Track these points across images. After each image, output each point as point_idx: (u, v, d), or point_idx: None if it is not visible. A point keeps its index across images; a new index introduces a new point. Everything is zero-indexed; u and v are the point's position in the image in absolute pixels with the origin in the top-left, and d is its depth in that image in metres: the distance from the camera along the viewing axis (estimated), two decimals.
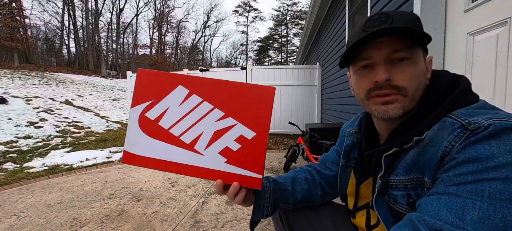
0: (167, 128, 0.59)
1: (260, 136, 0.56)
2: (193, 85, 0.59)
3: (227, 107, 0.58)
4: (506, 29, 0.99)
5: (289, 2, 34.70)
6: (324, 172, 0.75)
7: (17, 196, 2.39)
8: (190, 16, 57.74)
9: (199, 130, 0.58)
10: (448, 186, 0.38)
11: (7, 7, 18.94)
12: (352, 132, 0.68)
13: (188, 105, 0.59)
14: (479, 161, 0.36)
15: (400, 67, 0.47)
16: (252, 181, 0.57)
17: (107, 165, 3.57)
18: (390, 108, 0.48)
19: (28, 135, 5.35)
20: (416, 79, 0.47)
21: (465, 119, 0.40)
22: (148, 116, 0.60)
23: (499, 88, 1.04)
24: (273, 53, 38.97)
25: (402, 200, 0.47)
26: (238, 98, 0.57)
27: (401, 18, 0.46)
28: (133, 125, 0.60)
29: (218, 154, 0.58)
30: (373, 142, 0.60)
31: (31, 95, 9.23)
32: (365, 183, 0.60)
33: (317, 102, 5.66)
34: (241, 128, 0.57)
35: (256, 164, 0.57)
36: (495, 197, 0.34)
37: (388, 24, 0.46)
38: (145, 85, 0.60)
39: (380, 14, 0.48)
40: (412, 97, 0.47)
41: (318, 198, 0.73)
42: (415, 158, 0.45)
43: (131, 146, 0.60)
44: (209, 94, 0.58)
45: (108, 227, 1.76)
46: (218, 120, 0.58)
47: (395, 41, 0.47)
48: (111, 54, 34.39)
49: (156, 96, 0.60)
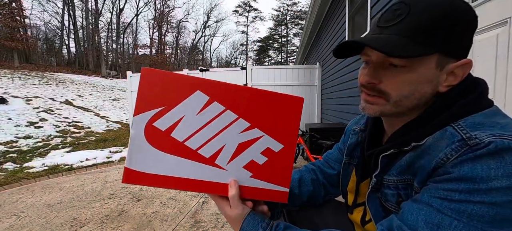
0: (182, 140, 0.51)
1: (288, 148, 0.53)
2: (214, 91, 0.51)
3: (253, 117, 0.52)
4: (506, 29, 0.99)
5: (289, 2, 34.74)
6: (327, 171, 0.76)
7: (17, 196, 2.39)
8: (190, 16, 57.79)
9: (220, 142, 0.52)
10: (432, 198, 0.38)
11: (7, 7, 18.95)
12: (358, 130, 0.67)
13: (208, 114, 0.51)
14: (473, 181, 0.35)
15: (391, 72, 0.45)
16: (278, 195, 0.54)
17: (107, 165, 3.57)
18: (368, 107, 0.49)
19: (28, 135, 5.35)
20: (407, 87, 0.44)
21: (467, 132, 0.38)
22: (158, 126, 0.51)
23: (499, 88, 1.04)
24: (273, 53, 39.01)
25: (392, 198, 0.49)
26: (265, 107, 0.52)
27: (420, 16, 0.41)
28: (138, 137, 0.50)
29: (242, 168, 0.53)
30: (376, 142, 0.60)
31: (31, 95, 9.23)
32: (365, 182, 0.60)
33: (317, 102, 5.67)
34: (268, 140, 0.53)
35: (284, 177, 0.54)
36: (474, 219, 0.34)
37: (396, 22, 0.43)
38: (152, 89, 0.51)
39: (400, 3, 0.43)
40: (395, 102, 0.45)
41: (321, 198, 0.76)
42: (410, 161, 0.45)
43: (135, 162, 0.51)
44: (233, 102, 0.51)
45: (108, 227, 1.76)
46: (243, 132, 0.52)
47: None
48: (111, 54, 34.42)
49: (168, 103, 0.51)
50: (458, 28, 0.41)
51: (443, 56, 0.42)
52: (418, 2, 0.41)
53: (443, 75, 0.44)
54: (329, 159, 0.79)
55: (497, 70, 1.04)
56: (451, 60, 0.43)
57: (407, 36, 0.41)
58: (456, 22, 0.40)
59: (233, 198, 0.51)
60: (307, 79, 5.74)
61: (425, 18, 0.40)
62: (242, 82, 5.73)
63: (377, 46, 0.41)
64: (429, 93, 0.44)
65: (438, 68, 0.43)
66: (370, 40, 0.43)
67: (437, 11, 0.40)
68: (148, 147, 0.51)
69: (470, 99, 0.42)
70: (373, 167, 0.54)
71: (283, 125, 0.53)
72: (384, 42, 0.41)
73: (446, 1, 0.40)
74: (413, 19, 0.41)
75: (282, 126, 0.53)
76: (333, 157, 0.78)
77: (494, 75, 1.06)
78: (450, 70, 0.43)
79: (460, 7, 0.41)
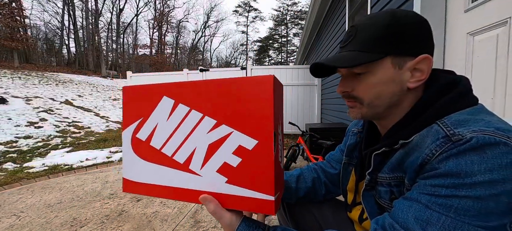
0: (159, 148, 0.52)
1: (263, 143, 0.44)
2: (177, 93, 0.50)
3: (218, 113, 0.47)
4: (506, 29, 0.99)
5: (289, 2, 34.73)
6: (328, 171, 0.80)
7: (17, 196, 2.39)
8: (190, 16, 57.74)
9: (191, 146, 0.49)
10: (421, 194, 0.40)
11: (7, 7, 18.94)
12: (356, 131, 0.70)
13: (176, 117, 0.50)
14: (457, 176, 0.37)
15: (358, 80, 0.51)
16: (261, 204, 0.45)
17: (107, 165, 3.57)
18: (350, 111, 0.56)
19: (28, 135, 5.35)
20: (373, 89, 0.50)
21: (450, 129, 0.40)
22: (139, 137, 0.53)
23: (499, 88, 1.04)
24: (273, 53, 39.00)
25: (385, 195, 0.51)
26: (230, 98, 0.46)
27: (365, 32, 0.49)
28: (127, 149, 0.55)
29: (216, 173, 0.47)
30: (373, 143, 0.62)
31: (31, 95, 9.23)
32: (363, 181, 0.62)
33: (317, 102, 5.66)
34: (239, 136, 0.46)
35: (264, 181, 0.44)
36: (460, 213, 0.36)
37: (349, 41, 0.51)
38: (132, 103, 0.54)
39: (350, 29, 0.52)
40: (369, 104, 0.51)
41: (321, 196, 0.79)
42: (400, 159, 0.47)
43: (128, 172, 0.55)
44: (196, 100, 0.49)
45: (108, 227, 1.76)
46: (211, 131, 0.48)
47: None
48: (111, 54, 34.41)
49: (144, 113, 0.53)
50: (405, 31, 0.47)
51: (396, 57, 0.48)
52: (363, 23, 0.50)
53: (406, 73, 0.48)
54: (331, 159, 0.82)
55: (497, 70, 1.04)
56: (408, 58, 0.47)
57: (358, 49, 0.49)
58: (399, 28, 0.46)
59: (214, 213, 0.48)
60: (307, 79, 5.74)
61: (369, 33, 0.48)
62: None
63: (337, 63, 0.49)
64: (397, 90, 0.49)
65: (396, 68, 0.48)
66: (330, 60, 0.51)
67: (378, 25, 0.47)
68: (135, 158, 0.54)
69: (452, 95, 0.45)
70: (367, 165, 0.57)
71: (253, 116, 0.45)
72: (342, 59, 0.49)
73: (385, 16, 0.48)
74: (361, 36, 0.49)
75: (251, 117, 0.45)
76: (335, 157, 0.81)
77: (494, 75, 1.06)
78: (411, 67, 0.48)
79: (400, 14, 0.47)
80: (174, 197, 0.51)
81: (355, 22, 0.52)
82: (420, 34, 0.48)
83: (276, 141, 0.46)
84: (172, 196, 0.51)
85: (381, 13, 0.49)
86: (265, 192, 0.45)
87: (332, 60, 0.51)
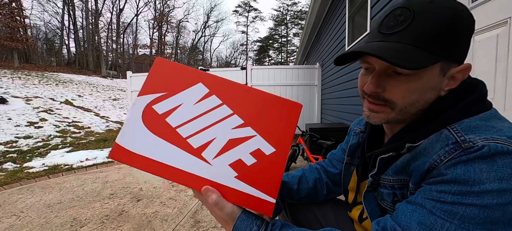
0: (174, 126, 0.52)
1: (280, 153, 0.50)
2: (215, 85, 0.53)
3: (248, 116, 0.52)
4: (506, 29, 0.99)
5: (289, 2, 34.73)
6: (330, 170, 0.79)
7: (17, 196, 2.39)
8: (190, 16, 57.66)
9: (211, 135, 0.51)
10: (426, 200, 0.39)
11: (7, 7, 18.95)
12: (358, 131, 0.69)
13: (205, 106, 0.52)
14: (465, 184, 0.35)
15: (395, 81, 0.44)
16: (263, 205, 0.49)
17: (107, 165, 3.56)
18: (373, 116, 0.49)
19: (28, 135, 5.35)
20: (412, 95, 0.43)
21: (461, 135, 0.39)
22: (156, 109, 0.52)
23: (499, 88, 1.04)
24: (273, 53, 39.01)
25: (388, 198, 0.50)
26: (262, 108, 0.52)
27: (424, 23, 0.40)
28: (135, 116, 0.52)
29: (228, 166, 0.50)
30: (377, 142, 0.60)
31: (31, 95, 9.23)
32: (365, 181, 0.61)
33: (317, 102, 5.66)
34: (260, 141, 0.51)
35: (271, 185, 0.49)
36: (465, 221, 0.35)
37: (400, 29, 0.41)
38: (160, 75, 0.54)
39: (402, 9, 0.42)
40: (401, 110, 0.45)
41: (322, 196, 0.78)
42: (405, 162, 0.45)
43: (126, 139, 0.51)
44: (231, 98, 0.52)
45: (108, 227, 1.76)
46: (236, 128, 0.51)
47: None
48: (111, 54, 34.41)
49: (171, 89, 0.53)
50: (462, 34, 0.41)
51: (446, 62, 0.43)
52: (422, 9, 0.40)
53: (445, 80, 0.44)
54: (332, 158, 0.81)
55: (497, 70, 1.04)
56: (454, 65, 0.43)
57: (413, 44, 0.40)
58: (459, 29, 0.40)
59: (217, 202, 0.48)
60: (307, 79, 5.74)
61: (430, 26, 0.40)
62: (242, 82, 5.72)
63: (385, 56, 0.39)
64: (432, 99, 0.45)
65: (441, 74, 0.43)
66: (376, 50, 0.41)
67: (441, 18, 0.39)
68: (141, 127, 0.52)
69: (466, 102, 0.43)
70: (371, 168, 0.54)
71: (278, 129, 0.51)
72: (391, 52, 0.40)
73: (449, 8, 0.40)
74: (418, 26, 0.40)
75: (276, 129, 0.51)
76: (337, 157, 0.80)
77: (494, 75, 1.06)
78: (451, 75, 0.44)
79: (463, 13, 0.40)
80: (172, 178, 0.50)
81: (410, 1, 0.41)
82: (470, 38, 0.43)
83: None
84: (170, 176, 0.50)
85: (443, 3, 0.40)
86: (269, 194, 0.49)
87: (383, 51, 0.41)
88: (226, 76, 2.64)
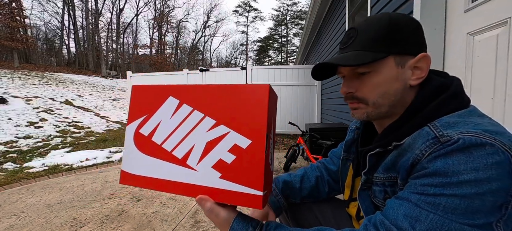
0: (159, 143, 0.56)
1: (256, 143, 0.49)
2: (183, 94, 0.55)
3: (218, 114, 0.52)
4: (506, 29, 0.99)
5: (289, 2, 34.71)
6: (330, 168, 0.82)
7: (17, 196, 2.39)
8: (190, 16, 57.73)
9: (191, 142, 0.53)
10: (411, 193, 0.42)
11: (7, 7, 18.95)
12: (354, 128, 0.72)
13: (179, 116, 0.55)
14: (445, 175, 0.38)
15: (361, 80, 0.52)
16: (251, 199, 0.49)
17: (107, 165, 3.57)
18: (355, 112, 0.56)
19: (28, 135, 5.35)
20: (378, 88, 0.51)
21: (440, 130, 0.42)
22: (142, 132, 0.58)
23: (499, 88, 1.04)
24: (273, 53, 38.98)
25: (380, 195, 0.53)
26: (230, 102, 0.52)
27: (367, 33, 0.50)
28: (129, 143, 0.58)
29: (211, 168, 0.52)
30: (370, 140, 0.63)
31: (31, 95, 9.23)
32: (359, 177, 0.64)
33: (317, 102, 5.66)
34: (235, 136, 0.51)
35: (254, 178, 0.49)
36: (448, 211, 0.37)
37: (347, 45, 0.53)
38: (139, 101, 0.59)
39: (349, 30, 0.53)
40: (374, 103, 0.52)
41: (324, 194, 0.81)
42: (393, 160, 0.49)
43: (127, 165, 0.58)
44: (199, 102, 0.54)
45: (108, 227, 1.76)
46: (210, 130, 0.53)
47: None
48: (111, 54, 34.41)
49: (149, 110, 0.58)
50: (403, 31, 0.49)
51: (398, 56, 0.50)
52: (363, 25, 0.52)
53: (408, 71, 0.50)
54: (333, 155, 0.84)
55: (497, 70, 1.04)
56: (408, 57, 0.50)
57: (362, 49, 0.50)
58: (399, 28, 0.49)
59: (212, 210, 0.51)
60: (307, 79, 5.74)
61: (371, 34, 0.50)
62: (242, 82, 5.72)
63: (341, 62, 0.50)
64: (400, 88, 0.51)
65: (399, 66, 0.50)
66: (334, 60, 0.52)
67: (378, 26, 0.50)
68: (135, 151, 0.58)
69: (441, 99, 0.47)
70: (362, 165, 0.58)
71: (249, 119, 0.50)
72: (345, 58, 0.51)
73: (384, 16, 0.50)
74: (362, 37, 0.51)
75: (247, 119, 0.50)
76: (337, 154, 0.83)
77: (494, 75, 1.06)
78: (412, 66, 0.50)
79: (398, 15, 0.50)
80: (169, 190, 0.54)
81: (354, 25, 0.53)
82: (417, 35, 0.50)
83: (267, 143, 0.51)
84: (167, 189, 0.55)
85: (378, 16, 0.51)
86: (255, 187, 0.49)
87: (338, 60, 0.51)
88: (226, 76, 2.65)
